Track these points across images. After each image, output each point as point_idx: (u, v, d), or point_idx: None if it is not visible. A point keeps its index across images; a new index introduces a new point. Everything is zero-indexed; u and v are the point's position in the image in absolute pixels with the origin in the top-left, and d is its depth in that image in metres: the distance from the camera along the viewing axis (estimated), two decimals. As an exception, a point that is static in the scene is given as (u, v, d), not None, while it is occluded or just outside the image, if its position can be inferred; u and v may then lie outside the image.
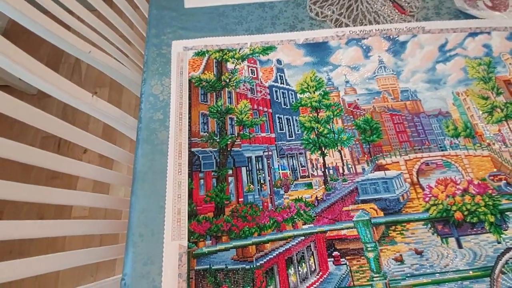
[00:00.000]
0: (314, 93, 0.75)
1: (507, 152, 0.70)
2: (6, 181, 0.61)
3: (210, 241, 0.60)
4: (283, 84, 0.77)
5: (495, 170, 0.68)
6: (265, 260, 0.58)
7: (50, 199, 0.74)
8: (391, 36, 0.84)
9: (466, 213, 0.61)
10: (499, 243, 0.60)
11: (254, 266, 0.57)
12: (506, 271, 0.58)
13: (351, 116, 0.73)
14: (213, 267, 0.57)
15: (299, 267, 0.58)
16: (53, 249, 1.61)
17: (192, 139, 0.69)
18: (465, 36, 0.84)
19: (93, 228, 0.78)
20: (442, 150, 0.69)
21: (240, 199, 0.64)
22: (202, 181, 0.65)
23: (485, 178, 0.66)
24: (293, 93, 0.75)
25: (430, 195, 0.64)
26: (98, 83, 2.00)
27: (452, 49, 0.82)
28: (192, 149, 0.68)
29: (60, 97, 0.73)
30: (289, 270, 0.58)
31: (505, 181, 0.66)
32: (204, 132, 0.70)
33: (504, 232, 0.61)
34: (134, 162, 0.68)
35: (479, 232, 0.61)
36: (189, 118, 0.72)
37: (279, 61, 0.79)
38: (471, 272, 0.57)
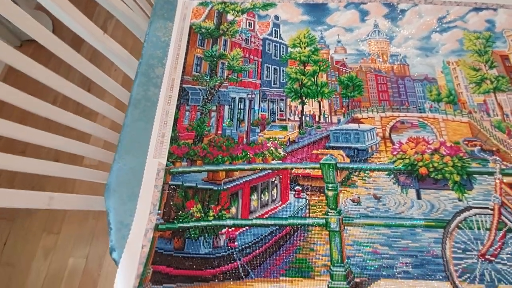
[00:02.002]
0: (304, 48, 0.78)
1: (488, 122, 0.70)
2: (32, 128, 0.72)
3: (186, 163, 0.66)
4: (277, 38, 0.81)
5: (471, 136, 0.68)
6: (232, 184, 0.63)
7: (65, 147, 0.85)
8: (391, 3, 0.84)
9: (431, 169, 0.63)
10: (460, 200, 0.62)
11: (221, 188, 0.63)
12: (462, 227, 0.60)
13: (337, 73, 0.76)
14: (184, 184, 0.63)
15: (262, 195, 0.63)
16: (64, 189, 1.78)
17: (184, 76, 0.76)
18: (468, 10, 0.83)
19: (98, 177, 0.88)
20: (420, 112, 0.70)
21: (218, 132, 0.70)
22: (187, 113, 0.72)
23: (459, 142, 0.67)
24: (284, 46, 0.79)
25: (399, 150, 0.66)
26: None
27: (452, 21, 0.82)
28: (183, 85, 0.74)
29: (74, 28, 0.81)
30: (252, 196, 0.63)
31: (479, 147, 0.67)
32: (196, 72, 0.76)
33: (467, 191, 0.62)
34: (131, 91, 0.76)
35: (441, 188, 0.62)
36: (185, 59, 0.78)
37: (276, 17, 0.83)
38: (424, 222, 0.59)
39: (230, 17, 0.84)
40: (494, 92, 0.72)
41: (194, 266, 0.55)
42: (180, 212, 0.61)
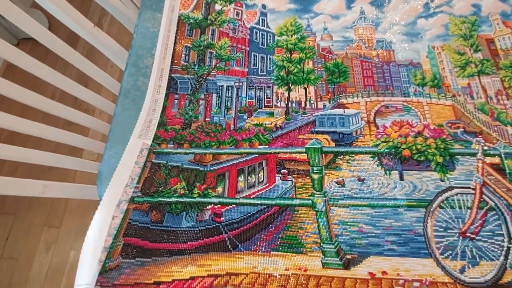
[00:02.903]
0: (291, 36, 0.79)
1: (472, 104, 0.71)
2: (32, 121, 0.74)
3: (173, 145, 0.68)
4: (264, 26, 0.82)
5: (455, 119, 0.69)
6: (219, 166, 0.65)
7: (64, 139, 0.87)
8: (378, -10, 0.85)
9: (414, 151, 0.64)
10: (442, 181, 0.63)
11: (208, 169, 0.64)
12: (444, 206, 0.61)
13: (323, 60, 0.77)
14: (169, 163, 0.65)
15: (249, 177, 0.65)
16: (64, 180, 1.80)
17: (173, 66, 0.77)
18: (454, -5, 0.83)
19: (96, 167, 0.90)
20: (404, 96, 0.71)
21: (207, 119, 0.71)
22: (176, 101, 0.73)
23: (443, 125, 0.68)
24: (271, 35, 0.80)
25: (383, 133, 0.67)
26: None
27: (438, 6, 0.82)
28: (172, 75, 0.76)
29: (65, 21, 0.83)
30: (239, 177, 0.64)
31: (462, 129, 0.68)
32: (185, 62, 0.78)
33: (450, 172, 0.63)
34: (121, 81, 0.77)
35: (424, 169, 0.63)
36: (174, 49, 0.79)
37: (264, 6, 0.84)
38: (406, 202, 0.60)
39: (218, 7, 0.85)
40: (479, 76, 0.73)
41: (175, 239, 0.55)
42: (162, 187, 0.62)
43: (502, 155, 0.64)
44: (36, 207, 1.72)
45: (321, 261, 0.55)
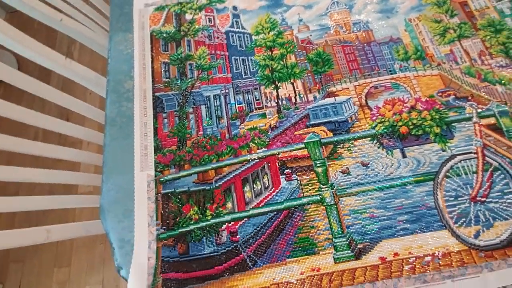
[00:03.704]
0: (268, 33, 0.78)
1: (458, 70, 0.71)
2: (19, 167, 0.71)
3: (174, 169, 0.66)
4: (239, 28, 0.80)
5: (444, 87, 0.69)
6: (223, 181, 0.63)
7: (57, 179, 0.84)
8: (345, -28, 0.84)
9: (411, 127, 0.64)
10: (443, 151, 0.63)
11: (214, 186, 0.63)
12: (450, 175, 0.61)
13: (304, 51, 0.76)
14: (177, 190, 0.64)
15: (254, 185, 0.64)
16: (66, 221, 1.76)
17: (155, 85, 0.75)
18: (421, -36, 0.83)
19: (94, 201, 0.88)
20: (391, 74, 0.71)
21: (200, 132, 0.70)
22: (165, 120, 0.71)
23: (433, 95, 0.68)
24: (248, 36, 0.79)
25: (378, 114, 0.67)
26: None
27: (407, -22, 0.82)
28: (156, 94, 0.74)
29: (34, 59, 0.80)
30: (245, 188, 0.64)
31: (453, 96, 0.68)
32: (166, 78, 0.76)
33: (449, 141, 0.64)
34: (105, 110, 0.75)
35: (424, 143, 0.64)
36: (152, 67, 0.77)
37: (234, 8, 0.82)
38: (413, 178, 0.61)
39: (188, 16, 0.83)
40: (459, 40, 0.73)
41: (202, 267, 0.56)
42: (178, 218, 0.61)
43: (497, 115, 0.65)
44: (43, 250, 1.68)
45: (333, 257, 0.55)
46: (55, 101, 0.91)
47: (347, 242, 0.57)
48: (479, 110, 0.64)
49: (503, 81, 0.68)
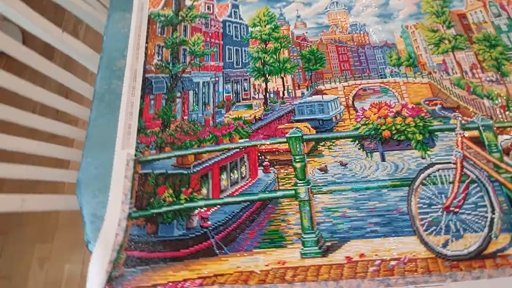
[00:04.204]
0: (265, 26, 0.78)
1: (448, 80, 0.71)
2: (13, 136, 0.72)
3: (155, 151, 0.66)
4: (237, 19, 0.80)
5: (432, 96, 0.69)
6: (201, 167, 0.64)
7: (49, 152, 0.85)
8: (348, -26, 0.84)
9: (394, 132, 0.64)
10: (423, 158, 0.63)
11: (191, 171, 0.63)
12: (427, 183, 0.61)
13: (298, 48, 0.76)
14: (155, 171, 0.64)
15: (231, 174, 0.64)
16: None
17: (147, 66, 0.75)
18: (424, -27, 0.83)
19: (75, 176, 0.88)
20: (381, 78, 0.71)
21: (185, 117, 0.70)
22: (152, 102, 0.72)
23: (420, 103, 0.68)
24: (245, 27, 0.79)
25: (362, 116, 0.67)
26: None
27: (409, -15, 0.82)
28: (146, 75, 0.74)
29: (31, 29, 0.80)
30: (222, 175, 0.64)
31: (440, 106, 0.68)
32: (158, 61, 0.76)
33: (430, 149, 0.64)
34: (94, 85, 0.75)
35: (404, 148, 0.64)
36: (146, 48, 0.77)
37: (235, -2, 0.82)
38: (389, 182, 0.61)
39: (188, 2, 0.83)
40: (453, 51, 0.73)
41: (169, 248, 0.57)
42: (152, 198, 0.62)
43: (480, 128, 0.65)
44: (27, 224, 1.68)
45: (300, 252, 0.55)
46: (56, 78, 0.92)
47: (316, 238, 0.57)
48: (464, 122, 0.64)
49: (491, 96, 0.68)
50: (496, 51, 0.72)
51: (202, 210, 0.60)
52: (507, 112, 0.67)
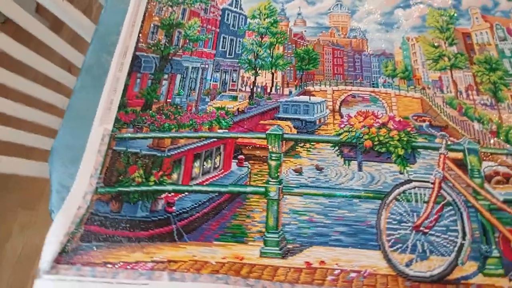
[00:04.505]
0: (264, 20, 0.77)
1: (441, 98, 0.69)
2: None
3: (132, 129, 0.66)
4: (237, 8, 0.79)
5: (421, 112, 0.67)
6: (176, 152, 0.63)
7: (43, 121, 0.86)
8: (357, -23, 0.82)
9: (376, 143, 0.63)
10: (401, 173, 0.62)
11: (165, 154, 0.62)
12: (400, 199, 0.60)
13: (294, 45, 0.74)
14: (128, 150, 0.63)
15: (205, 162, 0.63)
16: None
17: (139, 44, 0.74)
18: (435, -14, 0.81)
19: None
20: (373, 87, 0.69)
21: (168, 100, 0.69)
22: (138, 80, 0.71)
23: (408, 117, 0.67)
24: (244, 17, 0.77)
25: (347, 123, 0.65)
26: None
27: (419, -3, 0.80)
28: (137, 53, 0.73)
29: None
30: (195, 163, 0.63)
31: (428, 123, 0.66)
32: (152, 40, 0.75)
33: (410, 165, 0.62)
34: (85, 57, 0.75)
35: (383, 161, 0.62)
36: (141, 26, 0.76)
37: (238, -13, 0.81)
38: (363, 192, 0.59)
39: (191, -15, 0.82)
40: (451, 69, 0.71)
41: (129, 228, 0.56)
42: (122, 176, 0.61)
43: (466, 151, 0.63)
44: (12, 189, 1.70)
45: (260, 251, 0.54)
46: (61, 51, 0.93)
47: (278, 239, 0.56)
48: (449, 143, 0.62)
49: (482, 120, 0.66)
50: (495, 75, 0.70)
51: (169, 195, 0.59)
52: (496, 139, 0.65)
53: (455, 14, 0.77)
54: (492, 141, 0.66)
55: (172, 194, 0.59)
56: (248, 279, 0.51)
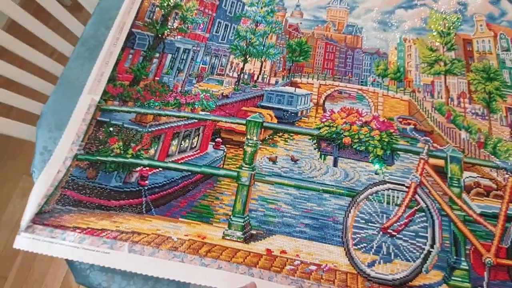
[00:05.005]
0: (261, 8, 0.77)
1: (430, 103, 0.67)
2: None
3: (118, 103, 0.67)
4: (236, -5, 0.79)
5: (407, 114, 0.66)
6: (156, 128, 0.64)
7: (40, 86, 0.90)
8: (362, -26, 0.80)
9: (356, 140, 0.62)
10: (376, 174, 0.60)
11: (146, 130, 0.64)
12: (372, 199, 0.59)
13: (287, 36, 0.74)
14: (111, 121, 0.65)
15: (182, 141, 0.64)
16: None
17: (136, 22, 0.76)
18: (442, -11, 0.78)
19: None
20: (361, 84, 0.68)
21: (156, 78, 0.70)
22: (130, 56, 0.72)
23: (393, 119, 0.65)
24: (242, 4, 0.77)
25: (329, 118, 0.64)
26: None
27: (422, -2, 0.77)
28: (133, 29, 0.75)
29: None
30: (173, 141, 0.64)
31: (413, 126, 0.65)
32: (148, 19, 0.76)
33: (387, 167, 0.61)
34: (83, 30, 0.77)
35: (360, 159, 0.61)
36: (141, 5, 0.78)
37: (240, -26, 0.81)
38: (334, 188, 0.58)
39: (194, -31, 0.82)
40: (445, 75, 0.69)
41: (101, 196, 0.58)
42: (102, 146, 0.63)
43: (448, 158, 0.61)
44: (18, 155, 1.77)
45: (223, 232, 0.55)
46: (77, 32, 0.97)
47: (243, 224, 0.56)
48: (432, 149, 0.61)
49: (470, 129, 0.64)
50: (492, 85, 0.67)
51: (144, 168, 0.61)
52: (482, 150, 0.63)
53: (459, 19, 0.75)
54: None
55: (147, 168, 0.61)
56: (204, 258, 0.52)
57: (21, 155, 1.78)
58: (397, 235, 0.57)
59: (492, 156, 0.61)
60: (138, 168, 0.61)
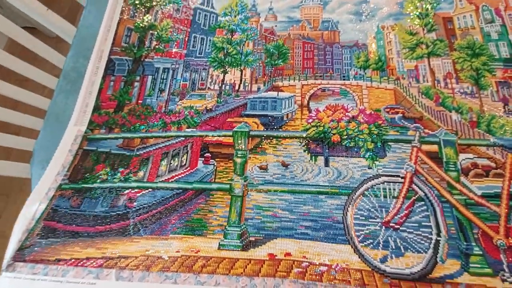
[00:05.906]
0: (235, 17, 0.76)
1: (416, 88, 0.65)
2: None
3: (104, 130, 0.68)
4: (209, 7, 0.79)
5: (394, 103, 0.64)
6: (144, 151, 0.64)
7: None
8: (331, -33, 0.80)
9: (345, 137, 0.61)
10: (369, 168, 0.59)
11: (134, 154, 0.64)
12: (368, 195, 0.57)
13: (264, 41, 0.73)
14: (98, 150, 0.65)
15: (172, 161, 0.64)
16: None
17: (113, 48, 0.76)
18: (415, -29, 0.77)
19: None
20: (344, 79, 0.67)
21: (139, 101, 0.70)
22: (112, 83, 0.73)
23: (380, 110, 0.64)
24: (215, 16, 0.77)
25: (315, 118, 0.63)
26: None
27: (395, -17, 0.76)
28: (111, 57, 0.75)
29: (15, 4, 0.84)
30: (163, 161, 0.64)
31: (401, 115, 0.63)
32: (125, 43, 0.77)
33: (379, 159, 0.59)
34: (64, 63, 0.78)
35: (351, 155, 0.60)
36: (116, 31, 0.78)
37: (211, -14, 0.81)
38: (329, 189, 0.57)
39: (165, -13, 0.83)
40: (428, 57, 0.67)
41: (86, 223, 0.57)
42: (88, 174, 0.63)
43: (441, 143, 0.59)
44: (27, 188, 1.80)
45: (219, 243, 0.54)
46: (61, 65, 0.99)
47: (240, 232, 0.55)
48: (423, 135, 0.59)
49: (461, 109, 0.62)
50: (478, 61, 0.65)
51: (132, 191, 0.60)
52: (476, 129, 0.61)
53: (436, -1, 0.73)
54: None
55: (136, 190, 0.60)
56: (200, 275, 0.51)
57: (29, 188, 1.82)
58: (400, 228, 0.55)
59: (487, 134, 0.59)
60: (126, 191, 0.61)
